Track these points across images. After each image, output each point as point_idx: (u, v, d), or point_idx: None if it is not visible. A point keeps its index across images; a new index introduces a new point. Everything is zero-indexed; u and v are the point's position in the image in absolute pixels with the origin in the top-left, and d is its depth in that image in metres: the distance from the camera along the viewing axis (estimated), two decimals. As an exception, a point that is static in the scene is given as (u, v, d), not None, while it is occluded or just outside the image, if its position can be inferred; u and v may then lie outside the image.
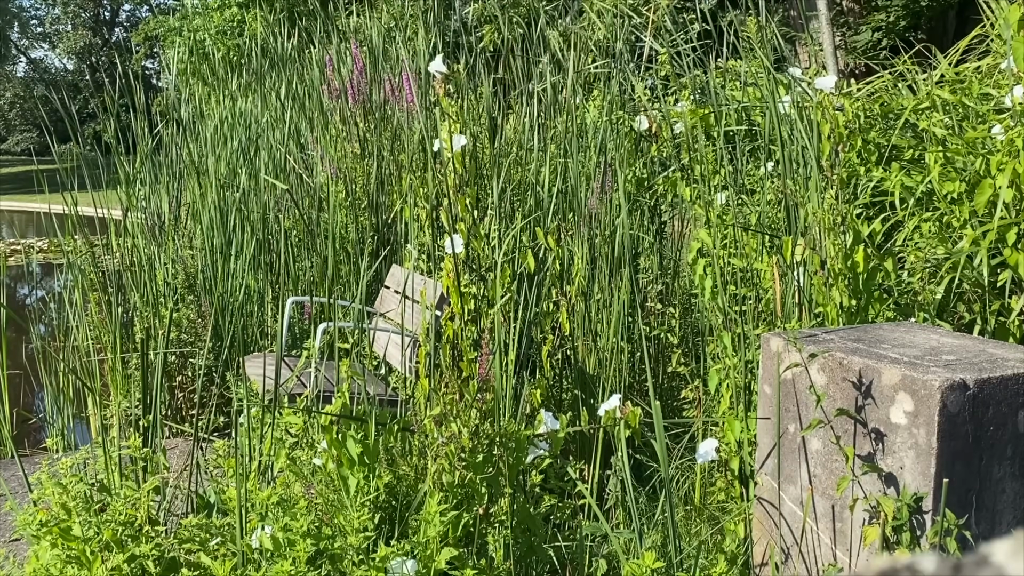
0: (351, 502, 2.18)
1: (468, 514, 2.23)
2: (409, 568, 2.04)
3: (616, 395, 2.42)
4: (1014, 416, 1.96)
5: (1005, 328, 2.81)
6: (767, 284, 3.01)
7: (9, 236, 14.33)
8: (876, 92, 3.97)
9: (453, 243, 2.82)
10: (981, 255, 2.74)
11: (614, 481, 2.37)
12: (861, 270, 2.66)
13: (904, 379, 1.91)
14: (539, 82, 5.19)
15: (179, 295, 4.82)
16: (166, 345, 2.72)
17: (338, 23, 7.23)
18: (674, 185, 4.17)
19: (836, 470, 2.08)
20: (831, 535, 2.10)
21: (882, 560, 0.41)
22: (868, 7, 9.15)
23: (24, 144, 36.16)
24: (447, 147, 2.84)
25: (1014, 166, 2.71)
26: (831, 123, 2.69)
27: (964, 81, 3.45)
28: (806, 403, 2.14)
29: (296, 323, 4.67)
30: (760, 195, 3.36)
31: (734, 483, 2.78)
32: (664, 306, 3.73)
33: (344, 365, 2.52)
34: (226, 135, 5.84)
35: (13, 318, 3.08)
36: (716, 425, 2.94)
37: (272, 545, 2.10)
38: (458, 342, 2.88)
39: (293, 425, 2.49)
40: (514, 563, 2.25)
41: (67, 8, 39.77)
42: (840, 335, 2.25)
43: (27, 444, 4.58)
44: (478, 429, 2.25)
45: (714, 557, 2.38)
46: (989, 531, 1.99)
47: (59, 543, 2.18)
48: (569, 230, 3.54)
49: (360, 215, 4.90)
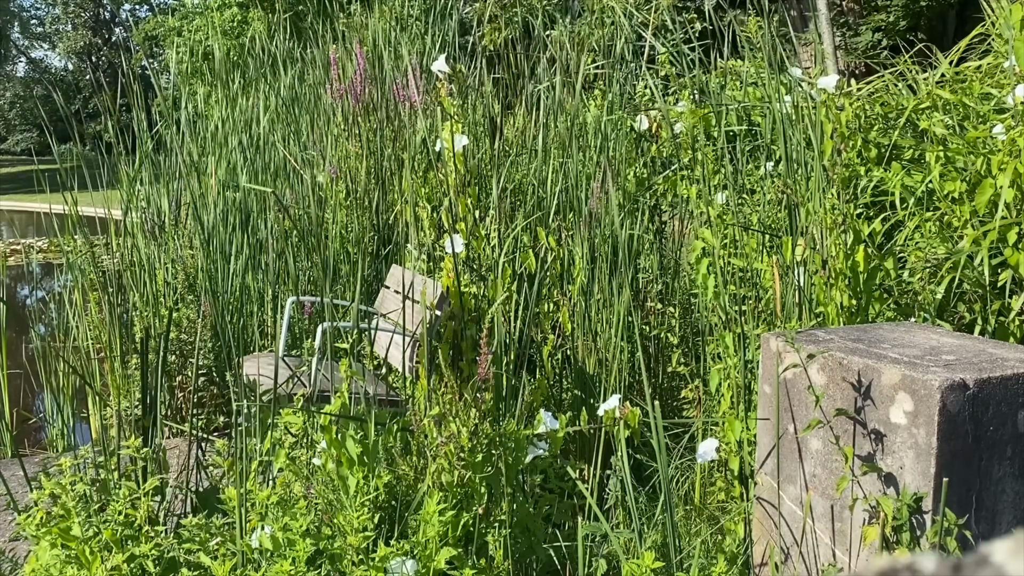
0: (351, 502, 2.18)
1: (467, 514, 2.23)
2: (409, 568, 2.04)
3: (616, 395, 2.42)
4: (1014, 416, 1.96)
5: (1005, 328, 2.81)
6: (767, 284, 3.01)
7: (9, 236, 14.33)
8: (876, 92, 3.97)
9: (453, 243, 2.82)
10: (982, 255, 2.73)
11: (614, 481, 2.37)
12: (862, 270, 2.66)
13: (904, 379, 1.91)
14: (539, 82, 5.19)
15: (179, 295, 4.82)
16: (166, 345, 2.73)
17: (339, 23, 7.23)
18: (674, 185, 4.17)
19: (836, 470, 2.08)
20: (831, 535, 2.10)
21: (882, 560, 0.41)
22: (868, 7, 9.15)
23: (24, 144, 36.15)
24: (448, 147, 2.84)
25: (1015, 166, 2.71)
26: (834, 122, 2.69)
27: (965, 81, 3.45)
28: (806, 403, 2.14)
29: (296, 323, 4.67)
30: (760, 195, 3.36)
31: (734, 483, 2.78)
32: (664, 306, 3.73)
33: (344, 365, 2.52)
34: (226, 135, 5.84)
35: (13, 320, 3.07)
36: (716, 425, 2.94)
37: (272, 545, 2.10)
38: (458, 342, 2.88)
39: (293, 425, 2.49)
40: (514, 563, 2.24)
41: (67, 8, 39.77)
42: (840, 335, 2.25)
43: (27, 444, 4.57)
44: (478, 429, 2.25)
45: (714, 557, 2.38)
46: (989, 531, 1.98)
47: (59, 543, 2.18)
48: (569, 230, 3.54)
49: (360, 215, 4.90)
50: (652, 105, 4.56)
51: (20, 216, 16.65)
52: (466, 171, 2.90)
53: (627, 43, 4.99)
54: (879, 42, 8.84)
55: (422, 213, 3.84)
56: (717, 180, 3.71)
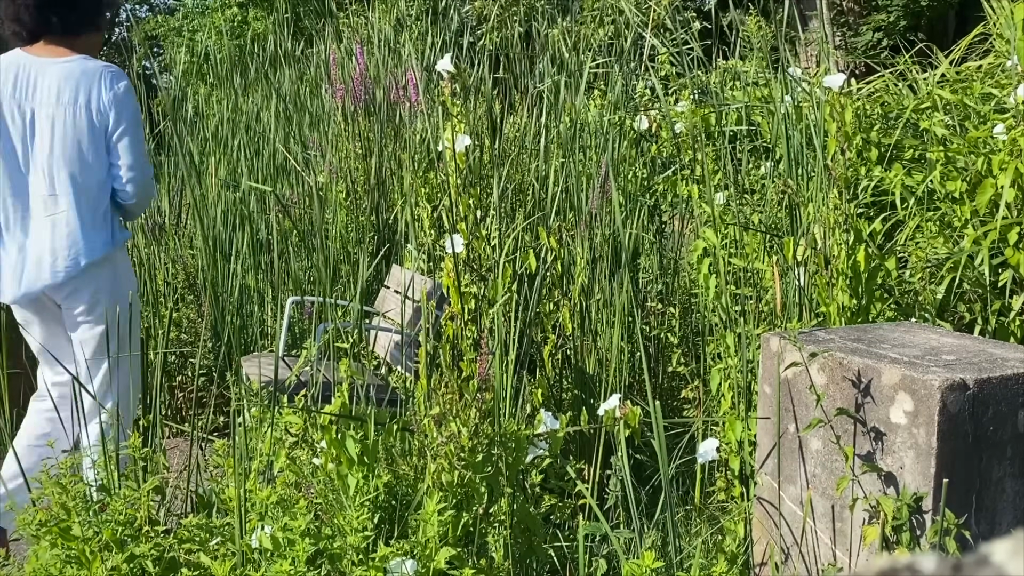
0: (350, 502, 2.18)
1: (468, 514, 2.23)
2: (408, 568, 2.04)
3: (616, 395, 2.42)
4: (1014, 416, 1.95)
5: (1006, 328, 2.81)
6: (767, 284, 3.01)
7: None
8: (876, 92, 3.97)
9: (453, 243, 2.82)
10: (982, 255, 2.73)
11: (614, 481, 2.36)
12: (863, 270, 2.66)
13: (904, 379, 1.91)
14: (540, 81, 5.19)
15: (179, 295, 4.82)
16: (166, 345, 2.72)
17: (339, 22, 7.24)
18: (674, 185, 4.17)
19: (836, 470, 2.08)
20: (831, 535, 2.10)
21: (882, 560, 0.41)
22: (868, 7, 9.15)
23: (25, 144, 36.11)
24: (450, 147, 2.84)
25: (1016, 165, 2.70)
26: (838, 122, 2.68)
27: (965, 81, 3.44)
28: (806, 403, 2.14)
29: (296, 323, 4.67)
30: (760, 195, 3.36)
31: (734, 483, 2.78)
32: (664, 306, 3.73)
33: (344, 365, 2.51)
34: (227, 135, 5.84)
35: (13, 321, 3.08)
36: (716, 425, 2.94)
37: (272, 545, 2.10)
38: (458, 342, 2.88)
39: (293, 425, 2.49)
40: (514, 563, 2.24)
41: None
42: (840, 335, 2.25)
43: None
44: (478, 429, 2.25)
45: (714, 557, 2.38)
46: (989, 531, 1.98)
47: (59, 543, 2.18)
48: (570, 230, 3.54)
49: (360, 215, 4.90)
50: (652, 105, 4.57)
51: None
52: (468, 171, 2.90)
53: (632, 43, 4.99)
54: (879, 42, 8.84)
55: (422, 213, 3.84)
56: (717, 180, 3.71)
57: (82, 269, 2.82)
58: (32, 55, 2.79)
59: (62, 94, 2.75)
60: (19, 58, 2.80)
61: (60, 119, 2.75)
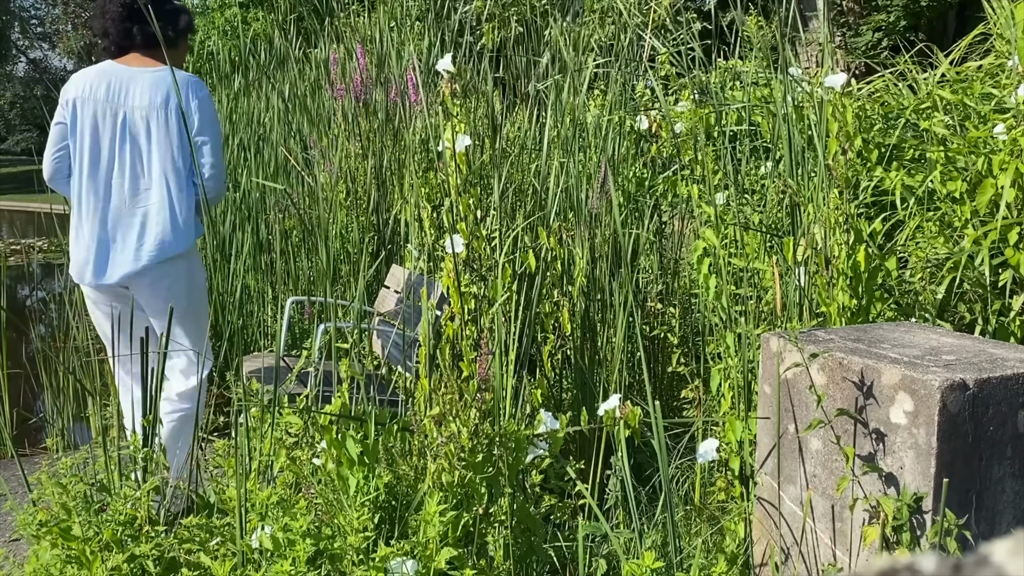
0: (351, 502, 2.18)
1: (468, 514, 2.23)
2: (409, 568, 2.04)
3: (616, 395, 2.42)
4: (1014, 416, 1.95)
5: (1006, 328, 2.81)
6: (768, 284, 3.01)
7: (9, 236, 14.33)
8: (876, 92, 3.96)
9: (453, 243, 2.82)
10: (982, 255, 2.73)
11: (614, 481, 2.36)
12: (863, 270, 2.66)
13: (904, 379, 1.91)
14: (540, 81, 5.19)
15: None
16: (166, 345, 2.74)
17: (339, 22, 7.23)
18: (674, 185, 4.17)
19: (836, 470, 2.08)
20: (831, 535, 2.10)
21: (882, 560, 0.41)
22: (868, 7, 9.14)
23: (24, 144, 36.12)
24: (450, 147, 2.84)
25: (1017, 165, 2.70)
26: (839, 121, 2.68)
27: (965, 81, 3.44)
28: (806, 403, 2.14)
29: (296, 323, 4.67)
30: (760, 195, 3.36)
31: (734, 483, 2.78)
32: (664, 306, 3.73)
33: (344, 365, 2.51)
34: (227, 135, 5.84)
35: (13, 321, 3.09)
36: (716, 425, 2.94)
37: (272, 545, 2.10)
38: (458, 342, 2.88)
39: (293, 425, 2.49)
40: (514, 563, 2.24)
41: (67, 8, 39.76)
42: (840, 335, 2.25)
43: (27, 444, 4.57)
44: (478, 429, 2.25)
45: (714, 557, 2.38)
46: (989, 531, 1.98)
47: (59, 543, 2.18)
48: (570, 230, 3.54)
49: (360, 215, 4.90)
50: (652, 105, 4.56)
51: (20, 216, 16.66)
52: (468, 171, 2.90)
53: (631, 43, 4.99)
54: (879, 42, 8.84)
55: (423, 213, 3.83)
56: (717, 180, 3.71)
57: (169, 258, 3.11)
58: (123, 65, 3.12)
59: (155, 99, 3.06)
60: (112, 67, 3.11)
61: (154, 120, 3.06)
